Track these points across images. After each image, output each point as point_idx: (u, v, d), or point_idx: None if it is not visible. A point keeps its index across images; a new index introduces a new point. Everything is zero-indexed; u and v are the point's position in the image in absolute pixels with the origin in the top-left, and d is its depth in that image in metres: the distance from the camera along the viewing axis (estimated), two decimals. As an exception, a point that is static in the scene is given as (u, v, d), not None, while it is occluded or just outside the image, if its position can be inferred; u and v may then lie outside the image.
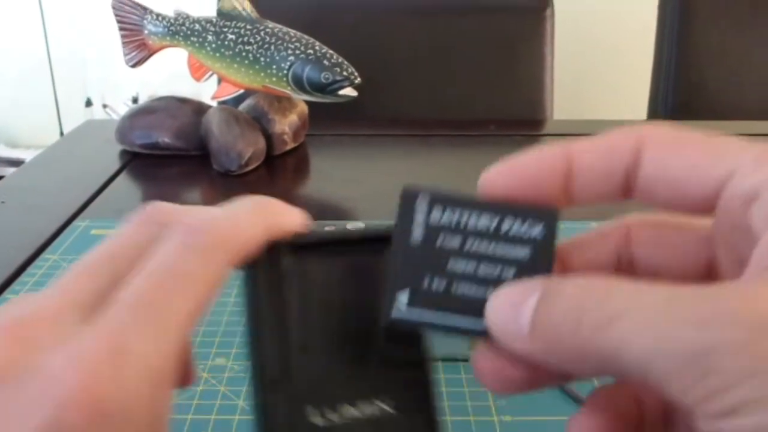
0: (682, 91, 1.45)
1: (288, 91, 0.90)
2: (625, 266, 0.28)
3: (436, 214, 0.26)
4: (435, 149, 1.04)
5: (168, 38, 0.95)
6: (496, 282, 0.25)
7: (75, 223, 0.77)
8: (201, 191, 0.91)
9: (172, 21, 0.95)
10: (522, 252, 0.26)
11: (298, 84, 0.88)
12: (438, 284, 0.25)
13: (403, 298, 0.25)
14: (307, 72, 0.88)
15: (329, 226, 0.50)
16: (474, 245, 0.26)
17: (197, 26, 0.94)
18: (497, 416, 0.48)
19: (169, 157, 0.97)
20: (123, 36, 0.97)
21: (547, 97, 1.41)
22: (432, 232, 0.26)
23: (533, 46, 1.41)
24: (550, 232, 0.26)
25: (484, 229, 0.26)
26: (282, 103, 0.97)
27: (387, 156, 1.02)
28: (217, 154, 0.92)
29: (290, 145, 0.99)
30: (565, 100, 1.54)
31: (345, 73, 0.88)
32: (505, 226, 0.26)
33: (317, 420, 0.27)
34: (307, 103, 0.99)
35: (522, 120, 1.34)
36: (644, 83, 1.52)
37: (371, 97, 0.97)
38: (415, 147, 1.05)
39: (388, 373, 0.29)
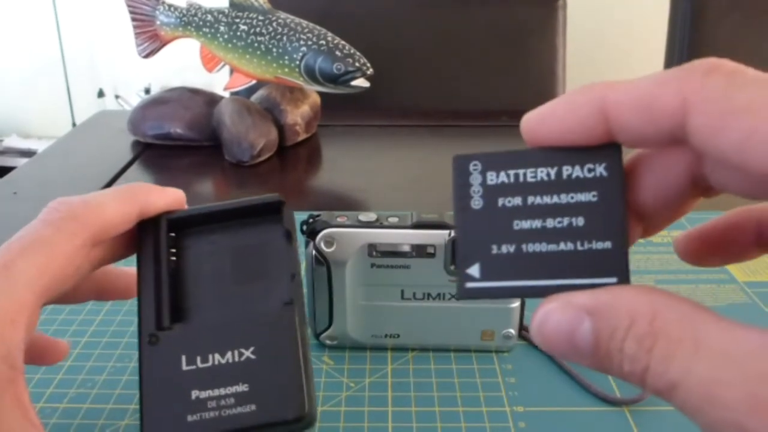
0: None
1: (300, 81, 0.90)
2: (702, 185, 0.25)
3: (491, 177, 0.26)
4: (447, 140, 1.04)
5: (180, 29, 0.95)
6: (566, 232, 0.25)
7: (88, 213, 0.77)
8: (213, 182, 0.91)
9: (184, 12, 0.95)
10: (588, 196, 0.25)
11: (311, 75, 0.88)
12: (507, 248, 0.25)
13: (474, 271, 0.25)
14: (320, 63, 0.87)
15: (341, 216, 0.50)
16: (537, 200, 0.25)
17: (209, 17, 0.94)
18: (509, 407, 0.48)
19: (182, 147, 0.97)
20: (135, 27, 0.97)
21: (559, 88, 1.41)
22: (491, 196, 0.26)
23: (545, 37, 1.41)
24: (615, 169, 0.25)
25: (544, 182, 0.25)
26: (294, 93, 0.97)
27: (399, 147, 1.02)
28: (229, 144, 0.92)
29: (302, 136, 0.99)
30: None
31: (357, 64, 0.88)
32: (565, 173, 0.25)
33: (187, 367, 0.34)
34: (320, 93, 0.99)
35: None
36: (657, 74, 1.51)
37: (383, 88, 0.97)
38: (427, 138, 1.05)
39: (252, 326, 0.35)
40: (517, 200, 0.25)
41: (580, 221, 0.25)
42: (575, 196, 0.25)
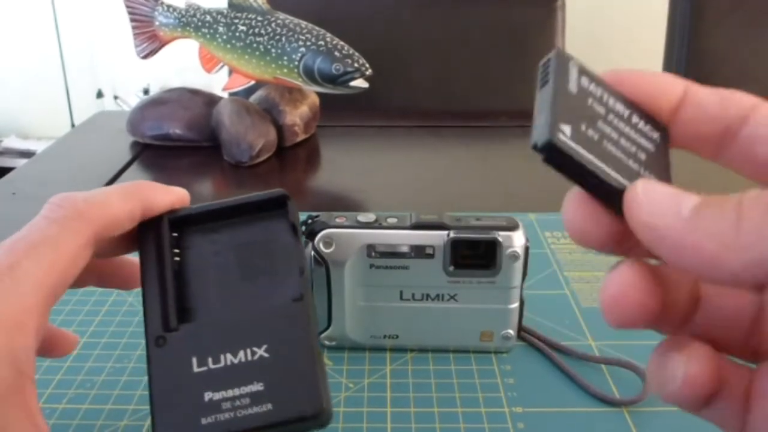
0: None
1: (299, 82, 0.90)
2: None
3: (584, 81, 0.26)
4: (446, 140, 1.04)
5: (179, 29, 0.95)
6: (634, 156, 0.25)
7: (87, 214, 0.77)
8: (212, 183, 0.91)
9: (183, 12, 0.95)
10: (649, 144, 0.26)
11: (309, 75, 0.88)
12: (592, 134, 0.25)
13: (566, 128, 0.24)
14: (318, 63, 0.87)
15: (340, 217, 0.50)
16: (615, 121, 0.26)
17: (208, 17, 0.94)
18: (508, 407, 0.48)
19: (180, 148, 0.97)
20: (134, 27, 0.97)
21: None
22: (583, 91, 0.26)
23: (544, 36, 1.41)
24: (665, 144, 0.26)
25: (620, 112, 0.26)
26: (293, 94, 0.97)
27: (398, 147, 1.02)
28: (228, 145, 0.92)
29: (301, 137, 0.99)
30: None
31: (356, 65, 0.88)
32: (634, 119, 0.26)
33: (198, 368, 0.34)
34: (318, 94, 0.99)
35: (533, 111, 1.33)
36: (655, 75, 1.51)
37: (382, 89, 0.97)
38: (426, 138, 1.05)
39: (263, 324, 0.35)
40: (601, 109, 0.25)
41: (642, 156, 0.25)
42: (639, 140, 0.26)
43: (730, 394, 0.25)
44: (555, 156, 0.24)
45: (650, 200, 0.23)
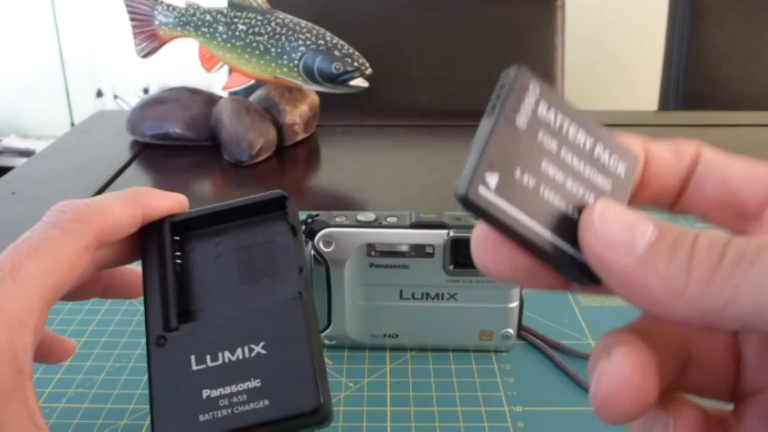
0: (692, 82, 1.45)
1: (299, 81, 0.90)
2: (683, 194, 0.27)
3: (542, 108, 0.24)
4: (445, 140, 1.04)
5: (179, 29, 0.95)
6: (579, 201, 0.24)
7: (87, 213, 0.77)
8: (212, 182, 0.91)
9: (182, 11, 0.95)
10: (605, 182, 0.25)
11: (309, 74, 0.88)
12: (528, 180, 0.23)
13: (491, 180, 0.22)
14: (318, 62, 0.87)
15: (339, 216, 0.50)
16: (568, 156, 0.24)
17: (208, 17, 0.94)
18: (508, 406, 0.48)
19: (180, 147, 0.97)
20: (134, 26, 0.97)
21: (557, 87, 1.41)
22: (535, 124, 0.23)
23: (544, 36, 1.41)
24: (630, 175, 0.25)
25: (580, 145, 0.24)
26: (293, 93, 0.97)
27: (397, 146, 1.02)
28: (228, 144, 0.92)
29: (301, 136, 0.99)
30: (575, 90, 1.53)
31: (356, 64, 0.88)
32: (597, 151, 0.24)
33: (196, 366, 0.34)
34: (318, 93, 0.99)
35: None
36: (655, 74, 1.51)
37: (382, 88, 0.97)
38: (425, 138, 1.05)
39: (261, 322, 0.35)
40: (553, 145, 0.24)
41: (591, 197, 0.24)
42: (595, 177, 0.24)
43: None
44: (474, 210, 0.22)
45: (605, 231, 0.22)
